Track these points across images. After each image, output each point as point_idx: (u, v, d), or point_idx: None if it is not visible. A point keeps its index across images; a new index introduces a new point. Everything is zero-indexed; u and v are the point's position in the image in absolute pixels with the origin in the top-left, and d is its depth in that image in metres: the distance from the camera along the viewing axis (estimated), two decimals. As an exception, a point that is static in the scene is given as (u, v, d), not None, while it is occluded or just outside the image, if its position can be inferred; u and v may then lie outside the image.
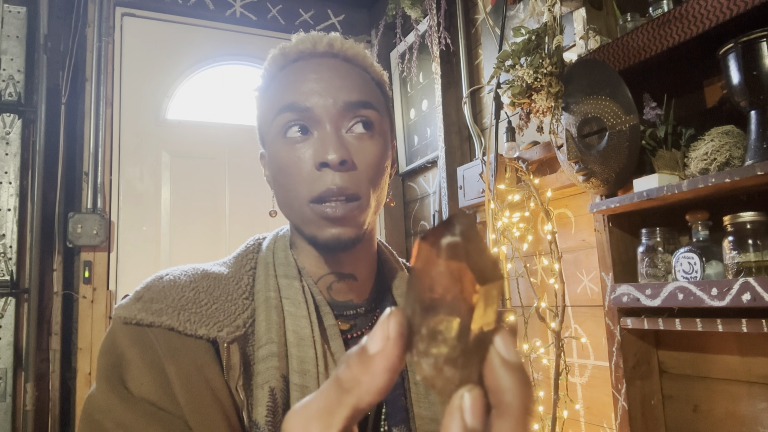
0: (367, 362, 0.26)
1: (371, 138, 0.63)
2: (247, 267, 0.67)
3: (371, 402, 0.26)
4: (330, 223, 0.61)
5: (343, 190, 0.59)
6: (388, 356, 0.25)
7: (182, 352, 0.57)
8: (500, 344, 0.26)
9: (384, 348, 0.26)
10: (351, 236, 0.61)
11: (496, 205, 1.63)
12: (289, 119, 0.62)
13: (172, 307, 0.59)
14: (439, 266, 0.25)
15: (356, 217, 0.61)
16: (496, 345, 0.26)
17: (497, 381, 0.25)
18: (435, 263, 0.25)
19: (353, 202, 0.60)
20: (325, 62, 0.64)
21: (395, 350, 0.25)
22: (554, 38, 1.34)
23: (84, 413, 0.56)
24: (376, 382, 0.25)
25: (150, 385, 0.56)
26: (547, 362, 1.66)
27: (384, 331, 0.26)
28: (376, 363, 0.25)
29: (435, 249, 0.25)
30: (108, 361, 0.58)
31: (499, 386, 0.25)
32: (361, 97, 0.62)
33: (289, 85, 0.63)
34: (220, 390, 0.57)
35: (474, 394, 0.25)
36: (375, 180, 0.63)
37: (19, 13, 2.07)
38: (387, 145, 0.66)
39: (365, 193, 0.62)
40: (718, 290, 1.00)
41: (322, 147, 0.60)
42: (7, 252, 1.95)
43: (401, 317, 0.26)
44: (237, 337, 0.60)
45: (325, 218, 0.60)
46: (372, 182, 0.62)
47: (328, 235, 0.61)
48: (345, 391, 0.26)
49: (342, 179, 0.60)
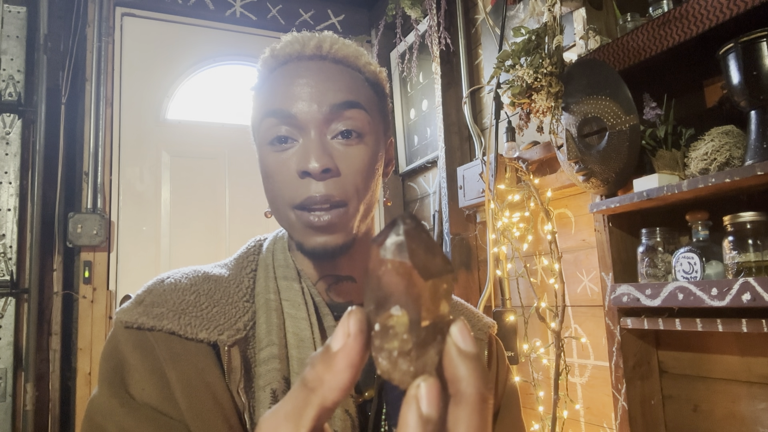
0: (330, 360, 0.26)
1: (359, 142, 0.62)
2: (247, 269, 0.67)
3: (336, 400, 0.26)
4: (315, 231, 0.60)
5: (327, 197, 0.59)
6: (349, 353, 0.26)
7: (183, 357, 0.57)
8: (456, 335, 0.26)
9: (345, 345, 0.26)
10: (338, 243, 0.61)
11: (496, 205, 1.63)
12: (274, 125, 0.61)
13: (173, 311, 0.59)
14: (386, 265, 0.26)
15: (343, 224, 0.61)
16: (452, 336, 0.26)
17: (454, 370, 0.26)
18: (383, 263, 0.26)
19: (339, 209, 0.60)
20: (313, 65, 0.63)
21: (356, 347, 0.26)
22: (554, 38, 1.34)
23: (86, 417, 0.56)
24: (339, 380, 0.26)
25: (152, 391, 0.56)
26: (547, 362, 1.66)
27: (345, 329, 0.27)
28: (338, 360, 0.26)
29: (382, 249, 0.27)
30: (110, 365, 0.58)
31: (456, 375, 0.26)
32: (347, 98, 0.61)
33: (275, 89, 0.63)
34: (221, 394, 0.57)
35: (429, 383, 0.25)
36: (362, 185, 0.62)
37: (19, 13, 2.07)
38: (378, 146, 0.65)
39: (352, 199, 0.61)
40: (718, 290, 1.00)
41: (305, 155, 0.59)
42: (7, 252, 1.95)
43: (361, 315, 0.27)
44: (238, 340, 0.60)
45: (310, 227, 0.60)
46: (359, 188, 0.61)
47: (314, 243, 0.61)
48: (310, 391, 0.27)
49: (326, 187, 0.59)
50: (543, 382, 1.68)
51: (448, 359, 0.26)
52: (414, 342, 0.26)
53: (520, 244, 1.69)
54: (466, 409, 0.25)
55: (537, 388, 1.61)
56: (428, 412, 0.25)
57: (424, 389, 0.25)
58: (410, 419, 0.25)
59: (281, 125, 0.61)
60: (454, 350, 0.26)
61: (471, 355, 0.26)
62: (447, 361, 0.26)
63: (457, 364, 0.26)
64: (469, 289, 2.06)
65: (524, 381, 1.68)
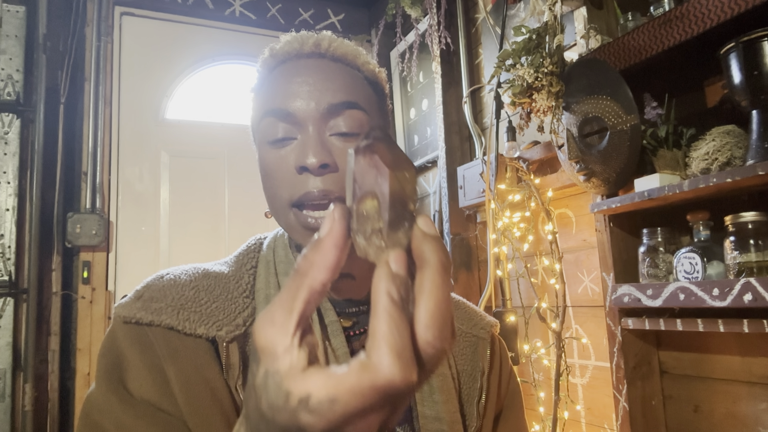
0: (318, 244, 0.31)
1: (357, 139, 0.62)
2: (248, 266, 0.67)
3: (323, 280, 0.31)
4: (313, 233, 0.60)
5: (326, 193, 0.59)
6: (334, 234, 0.31)
7: (181, 353, 0.57)
8: (422, 223, 0.32)
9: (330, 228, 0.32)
10: None
11: (496, 205, 1.63)
12: (273, 124, 0.61)
13: (172, 306, 0.59)
14: (359, 162, 0.33)
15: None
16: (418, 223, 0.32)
17: (420, 246, 0.31)
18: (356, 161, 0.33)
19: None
20: (311, 63, 0.63)
21: (339, 229, 0.32)
22: (555, 37, 1.34)
23: (83, 413, 0.56)
24: (326, 259, 0.31)
25: (150, 387, 0.55)
26: (547, 363, 1.65)
27: (330, 217, 0.32)
28: (325, 242, 0.31)
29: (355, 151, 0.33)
30: (108, 361, 0.57)
31: (421, 249, 0.31)
32: (346, 98, 0.61)
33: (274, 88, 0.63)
34: (219, 390, 0.57)
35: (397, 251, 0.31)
36: None
37: (18, 13, 2.06)
38: None
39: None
40: (720, 290, 1.00)
41: (303, 151, 0.59)
42: (5, 252, 1.95)
43: (342, 206, 0.33)
44: (236, 336, 0.59)
45: (309, 229, 0.60)
46: None
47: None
48: (302, 276, 0.31)
49: (324, 182, 0.59)
50: (544, 382, 1.68)
51: (415, 240, 0.32)
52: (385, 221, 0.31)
53: (521, 244, 1.68)
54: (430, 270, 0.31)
55: (538, 388, 1.60)
56: (396, 269, 0.30)
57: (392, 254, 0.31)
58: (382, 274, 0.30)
59: (280, 123, 0.61)
60: (419, 232, 0.32)
61: (434, 236, 0.32)
62: (415, 242, 0.32)
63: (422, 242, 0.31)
64: (469, 290, 2.05)
65: (525, 382, 1.68)
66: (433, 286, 0.30)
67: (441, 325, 0.30)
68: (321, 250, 0.31)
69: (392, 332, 0.28)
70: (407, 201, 0.33)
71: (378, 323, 0.29)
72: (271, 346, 0.30)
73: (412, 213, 0.33)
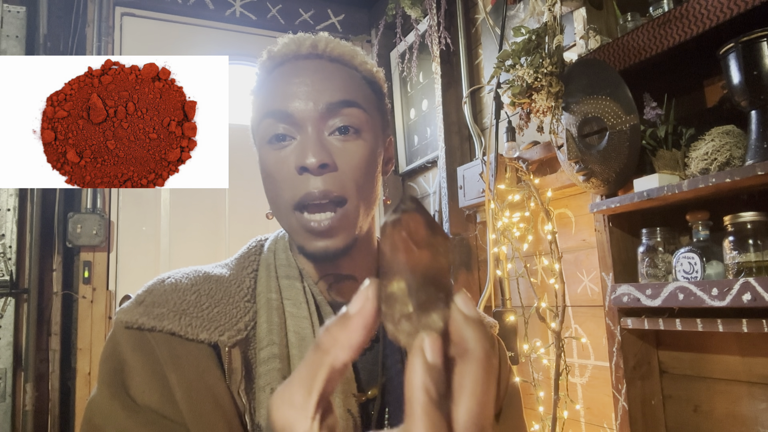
0: (346, 321, 0.29)
1: (356, 139, 0.62)
2: (249, 269, 0.67)
3: (346, 360, 0.29)
4: (316, 236, 0.60)
5: (326, 193, 0.59)
6: (365, 314, 0.29)
7: (183, 359, 0.57)
8: (461, 303, 0.29)
9: (362, 307, 0.29)
10: (339, 247, 0.61)
11: (496, 205, 1.63)
12: (272, 125, 0.61)
13: (174, 312, 0.59)
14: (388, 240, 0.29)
15: (344, 227, 0.60)
16: (457, 304, 0.29)
17: (460, 333, 0.28)
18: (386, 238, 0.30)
19: (340, 208, 0.60)
20: (309, 64, 0.63)
21: (370, 309, 0.29)
22: (554, 38, 1.34)
23: (85, 419, 0.56)
24: (352, 339, 0.29)
25: (152, 393, 0.55)
26: (547, 362, 1.66)
27: (363, 294, 0.30)
28: (354, 320, 0.29)
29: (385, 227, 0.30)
30: (110, 366, 0.57)
31: (463, 337, 0.28)
32: (344, 97, 0.61)
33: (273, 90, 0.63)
34: (221, 396, 0.57)
35: (431, 336, 0.28)
36: (362, 181, 0.62)
37: (19, 13, 2.07)
38: (377, 143, 0.65)
39: (351, 194, 0.61)
40: (719, 290, 1.00)
41: (302, 151, 0.59)
42: (6, 252, 1.95)
43: (376, 283, 0.30)
44: (238, 341, 0.59)
45: (311, 231, 0.60)
46: (358, 183, 0.61)
47: (314, 247, 0.61)
48: (324, 353, 0.29)
49: (324, 182, 0.59)
50: (543, 382, 1.68)
51: (454, 325, 0.29)
52: (414, 305, 0.28)
53: (521, 244, 1.69)
54: (473, 363, 0.28)
55: (537, 388, 1.60)
56: (432, 359, 0.27)
57: (427, 340, 0.28)
58: (416, 365, 0.27)
59: (279, 124, 0.61)
60: (459, 316, 0.29)
61: (476, 320, 0.29)
62: (453, 326, 0.29)
63: (463, 327, 0.28)
64: (469, 290, 2.06)
65: (524, 381, 1.68)
66: (476, 384, 0.27)
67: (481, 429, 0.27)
68: (348, 328, 0.29)
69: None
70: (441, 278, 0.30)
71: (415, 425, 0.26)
72: (290, 428, 0.29)
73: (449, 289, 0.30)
